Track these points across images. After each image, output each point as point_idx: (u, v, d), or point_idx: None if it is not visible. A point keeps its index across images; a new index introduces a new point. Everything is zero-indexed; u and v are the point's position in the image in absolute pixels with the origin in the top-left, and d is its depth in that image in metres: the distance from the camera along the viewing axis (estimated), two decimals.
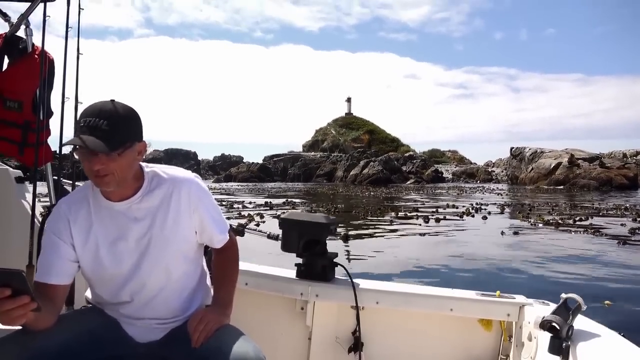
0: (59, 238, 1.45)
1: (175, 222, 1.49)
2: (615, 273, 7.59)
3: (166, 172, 1.54)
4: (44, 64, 2.27)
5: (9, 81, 2.40)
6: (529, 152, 42.10)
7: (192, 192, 1.53)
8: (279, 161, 63.19)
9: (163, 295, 1.52)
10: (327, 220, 2.13)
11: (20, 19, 2.37)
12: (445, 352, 2.10)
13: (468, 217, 15.81)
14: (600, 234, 11.55)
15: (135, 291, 1.49)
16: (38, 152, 2.23)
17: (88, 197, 1.49)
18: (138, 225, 1.46)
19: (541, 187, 35.66)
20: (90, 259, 1.46)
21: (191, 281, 1.59)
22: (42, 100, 2.35)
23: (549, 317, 1.60)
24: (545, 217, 15.21)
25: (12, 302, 1.14)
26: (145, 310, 1.52)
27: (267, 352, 1.40)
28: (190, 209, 1.51)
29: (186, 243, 1.53)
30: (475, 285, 2.34)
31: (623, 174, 35.44)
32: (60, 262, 1.44)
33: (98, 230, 1.46)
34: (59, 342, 1.36)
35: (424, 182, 47.75)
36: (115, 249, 1.46)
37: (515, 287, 2.22)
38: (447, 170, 58.59)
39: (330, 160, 59.69)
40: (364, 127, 74.42)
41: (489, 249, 9.55)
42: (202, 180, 1.62)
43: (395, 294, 2.07)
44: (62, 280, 1.43)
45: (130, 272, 1.47)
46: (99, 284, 1.52)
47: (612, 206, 19.84)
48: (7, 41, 2.44)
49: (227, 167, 62.54)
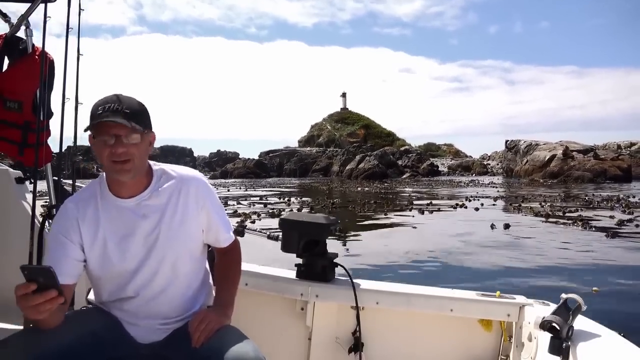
0: (66, 238, 1.46)
1: (183, 220, 1.51)
2: (601, 263, 7.66)
3: (174, 170, 1.57)
4: (44, 65, 2.26)
5: (9, 82, 2.39)
6: (524, 145, 42.18)
7: (200, 190, 1.55)
8: (275, 157, 63.05)
9: (168, 292, 1.53)
10: (327, 221, 2.13)
11: (20, 19, 2.36)
12: (445, 353, 2.11)
13: (460, 209, 15.98)
14: (590, 226, 11.59)
15: (141, 286, 1.50)
16: (38, 152, 2.24)
17: (96, 195, 1.50)
18: (146, 222, 1.49)
19: (536, 180, 35.78)
20: (99, 255, 1.48)
21: (195, 280, 1.61)
22: (42, 101, 2.35)
23: (549, 318, 1.61)
24: (536, 209, 15.29)
25: (39, 297, 1.19)
26: (149, 308, 1.53)
27: (267, 353, 1.41)
28: (198, 207, 1.54)
29: (193, 241, 1.55)
30: (463, 281, 2.35)
31: (617, 165, 35.59)
32: (67, 262, 1.45)
33: (106, 227, 1.48)
34: (61, 343, 1.37)
35: (419, 176, 47.76)
36: (123, 245, 1.48)
37: (501, 281, 2.24)
38: (443, 163, 58.66)
39: (326, 155, 59.59)
40: (360, 121, 74.31)
41: (480, 242, 9.58)
42: (207, 179, 1.64)
43: (395, 294, 2.08)
44: (70, 280, 1.45)
45: (137, 267, 1.49)
46: (106, 280, 1.53)
47: (605, 197, 19.92)
48: (7, 42, 2.43)
49: (223, 164, 62.34)
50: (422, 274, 6.97)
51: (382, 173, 45.78)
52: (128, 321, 1.55)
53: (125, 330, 1.54)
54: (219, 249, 1.67)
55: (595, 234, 10.61)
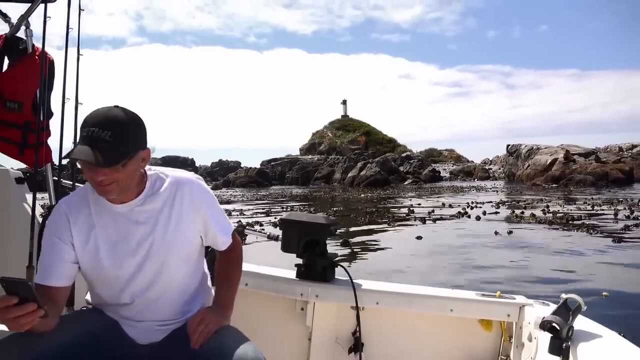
0: (59, 239, 1.44)
1: (178, 225, 1.48)
2: (609, 269, 7.63)
3: (168, 173, 1.53)
4: (44, 65, 2.27)
5: (9, 82, 2.41)
6: (525, 149, 42.11)
7: (195, 193, 1.52)
8: (277, 165, 62.98)
9: (164, 298, 1.51)
10: (327, 221, 2.14)
11: (20, 19, 2.38)
12: (445, 353, 2.10)
13: (464, 217, 15.84)
14: (595, 231, 11.54)
15: (136, 294, 1.48)
16: (38, 152, 2.25)
17: (88, 198, 1.47)
18: (140, 229, 1.45)
19: (537, 184, 35.68)
20: (90, 260, 1.45)
21: (192, 284, 1.58)
22: (42, 101, 2.36)
23: (549, 318, 1.61)
24: (539, 215, 15.21)
25: (19, 310, 1.18)
26: (146, 313, 1.51)
27: (267, 353, 1.41)
28: (193, 210, 1.50)
29: (188, 246, 1.52)
30: (466, 281, 2.35)
31: (619, 168, 35.46)
32: (60, 264, 1.43)
33: (99, 231, 1.45)
34: (59, 343, 1.36)
35: (421, 182, 47.63)
36: (115, 252, 1.45)
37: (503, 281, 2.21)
38: (445, 169, 58.51)
39: (327, 163, 59.50)
40: (361, 128, 74.24)
41: (483, 249, 9.56)
42: (203, 181, 1.61)
43: (395, 294, 2.07)
44: (63, 282, 1.43)
45: (132, 274, 1.46)
46: (99, 285, 1.51)
47: (606, 200, 19.84)
48: (8, 42, 2.45)
49: (225, 173, 62.24)
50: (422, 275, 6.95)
51: (384, 180, 45.65)
52: (126, 322, 1.53)
53: (123, 331, 1.52)
54: (220, 250, 1.65)
55: (600, 239, 10.56)
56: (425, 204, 21.64)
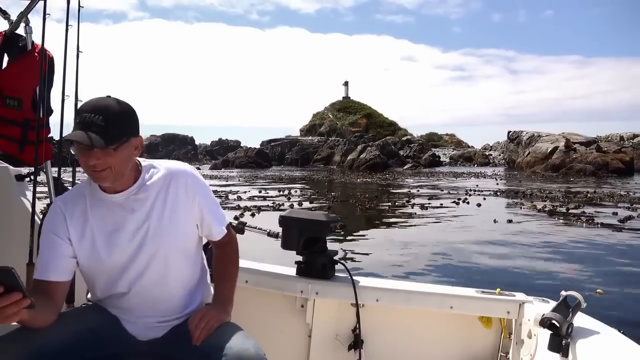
0: (55, 235, 1.46)
1: (174, 213, 1.51)
2: (607, 263, 7.65)
3: (163, 164, 1.56)
4: (43, 62, 2.25)
5: (9, 79, 2.39)
6: (526, 136, 42.05)
7: (189, 183, 1.54)
8: (277, 146, 62.93)
9: (161, 287, 1.52)
10: (327, 218, 2.13)
11: (20, 16, 2.34)
12: (445, 350, 2.12)
13: (463, 204, 15.89)
14: (594, 222, 11.57)
15: (133, 281, 1.50)
16: (38, 149, 2.24)
17: (84, 192, 1.50)
18: (135, 217, 1.48)
19: (537, 172, 35.71)
20: (87, 251, 1.47)
21: (191, 278, 1.60)
22: (42, 98, 2.34)
23: (548, 315, 1.61)
24: (538, 204, 15.25)
25: (4, 300, 1.14)
26: (144, 305, 1.52)
27: (267, 350, 1.42)
28: (189, 199, 1.53)
29: (185, 235, 1.54)
30: (465, 277, 2.37)
31: (619, 158, 35.46)
32: (58, 259, 1.45)
33: (94, 223, 1.47)
34: (59, 340, 1.37)
35: (421, 167, 47.69)
36: (111, 240, 1.47)
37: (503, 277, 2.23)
38: (445, 154, 58.58)
39: (327, 145, 59.43)
40: (362, 111, 74.02)
41: (481, 239, 9.60)
42: (198, 172, 1.63)
43: (395, 291, 2.08)
44: (61, 277, 1.45)
45: (127, 262, 1.48)
46: (97, 277, 1.52)
47: (607, 193, 19.89)
48: (7, 39, 2.42)
49: (225, 152, 62.17)
50: (422, 272, 6.98)
51: (384, 163, 45.68)
52: (126, 319, 1.55)
53: (124, 328, 1.54)
54: (215, 242, 1.67)
55: (600, 230, 10.60)
56: (424, 190, 21.69)
